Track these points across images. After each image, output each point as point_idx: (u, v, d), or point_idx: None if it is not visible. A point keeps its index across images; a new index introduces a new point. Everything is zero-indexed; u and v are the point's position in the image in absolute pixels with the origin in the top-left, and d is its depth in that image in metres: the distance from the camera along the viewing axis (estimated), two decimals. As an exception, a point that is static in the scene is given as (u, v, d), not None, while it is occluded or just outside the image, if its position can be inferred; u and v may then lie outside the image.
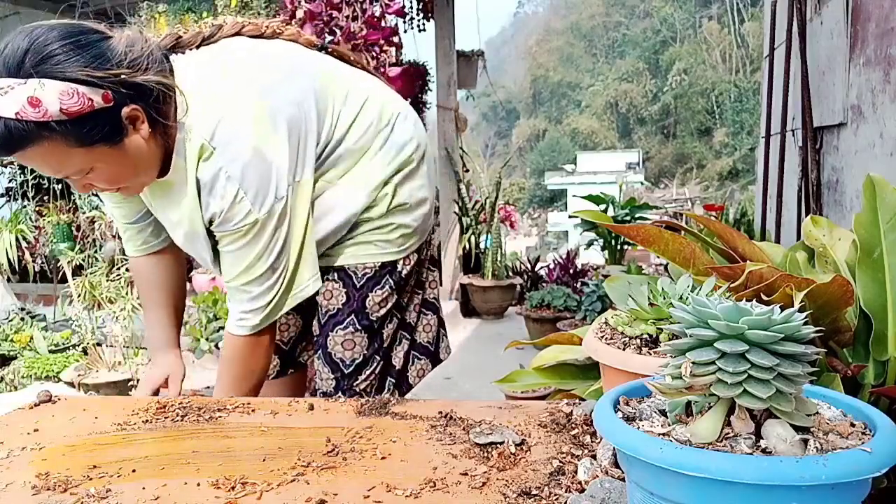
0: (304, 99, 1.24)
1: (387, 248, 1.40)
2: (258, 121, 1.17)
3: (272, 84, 1.22)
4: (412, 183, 1.41)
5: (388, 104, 1.39)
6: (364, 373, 1.43)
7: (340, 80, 1.33)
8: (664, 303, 0.83)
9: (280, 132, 1.19)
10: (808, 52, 2.88)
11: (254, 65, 1.25)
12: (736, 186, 21.91)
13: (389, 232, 1.39)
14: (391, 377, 1.51)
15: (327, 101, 1.29)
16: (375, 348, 1.43)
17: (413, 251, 1.45)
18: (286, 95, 1.22)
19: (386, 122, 1.37)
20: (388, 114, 1.38)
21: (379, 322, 1.43)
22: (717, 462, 0.48)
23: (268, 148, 1.17)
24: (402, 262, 1.43)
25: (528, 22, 49.80)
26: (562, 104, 37.00)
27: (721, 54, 30.51)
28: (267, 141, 1.17)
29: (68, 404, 1.15)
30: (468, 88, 6.10)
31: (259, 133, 1.17)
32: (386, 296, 1.42)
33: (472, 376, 3.81)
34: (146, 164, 1.18)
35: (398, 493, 0.76)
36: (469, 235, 5.58)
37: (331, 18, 3.46)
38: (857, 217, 0.93)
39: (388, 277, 1.41)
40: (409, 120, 1.43)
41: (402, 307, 1.51)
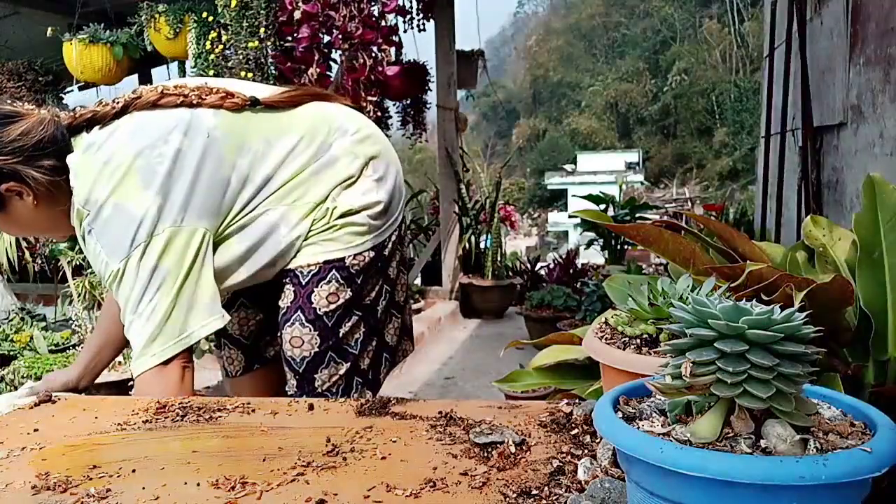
0: (188, 151, 1.30)
1: (330, 245, 1.43)
2: (122, 180, 1.26)
3: (144, 145, 1.29)
4: (354, 191, 1.44)
5: (321, 127, 1.44)
6: (321, 371, 1.44)
7: (256, 131, 1.39)
8: (664, 303, 0.83)
9: (148, 187, 1.26)
10: (808, 52, 2.88)
11: (135, 130, 1.31)
12: (736, 186, 21.90)
13: (334, 232, 1.43)
14: (359, 378, 1.51)
15: (237, 151, 1.35)
16: (329, 345, 1.43)
17: (368, 249, 1.46)
18: (161, 152, 1.28)
19: (319, 147, 1.42)
20: (321, 136, 1.43)
21: (330, 317, 1.43)
22: (717, 462, 0.48)
23: (131, 203, 1.25)
24: (353, 258, 1.44)
25: (528, 22, 49.81)
26: (562, 104, 36.99)
27: (721, 54, 30.50)
28: (130, 197, 1.25)
29: (68, 404, 1.15)
30: (468, 88, 6.10)
31: (121, 191, 1.26)
32: (333, 290, 1.43)
33: (472, 376, 3.81)
34: (44, 225, 1.37)
35: (398, 493, 0.76)
36: (469, 235, 5.58)
37: (328, 19, 3.46)
38: (857, 217, 0.93)
39: (335, 272, 1.43)
40: (349, 134, 1.46)
41: (367, 306, 1.50)
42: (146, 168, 1.27)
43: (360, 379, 1.51)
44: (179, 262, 1.27)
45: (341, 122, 1.49)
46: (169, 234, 1.26)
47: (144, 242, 1.25)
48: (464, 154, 5.75)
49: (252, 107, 1.39)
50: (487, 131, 38.68)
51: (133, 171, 1.26)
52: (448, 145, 5.49)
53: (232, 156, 1.34)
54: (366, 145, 1.48)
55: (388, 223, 1.51)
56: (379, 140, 1.54)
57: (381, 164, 1.50)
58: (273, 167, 1.38)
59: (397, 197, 1.55)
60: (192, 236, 1.28)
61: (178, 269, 1.27)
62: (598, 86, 34.77)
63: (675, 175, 27.01)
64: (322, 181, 1.42)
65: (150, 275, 1.25)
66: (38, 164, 1.28)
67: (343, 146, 1.45)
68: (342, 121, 1.49)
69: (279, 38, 3.70)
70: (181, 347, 1.28)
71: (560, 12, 42.59)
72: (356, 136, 1.48)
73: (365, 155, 1.47)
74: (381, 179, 1.49)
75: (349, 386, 1.49)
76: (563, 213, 20.29)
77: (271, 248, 1.41)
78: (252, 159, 1.37)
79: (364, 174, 1.47)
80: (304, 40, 3.51)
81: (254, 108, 1.40)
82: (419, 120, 4.87)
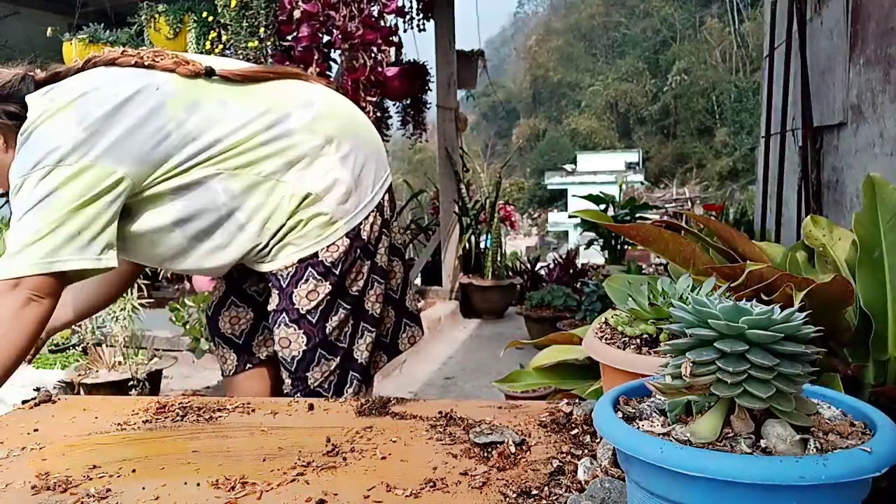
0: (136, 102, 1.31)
1: (303, 243, 1.43)
2: (58, 113, 1.29)
3: (92, 88, 1.32)
4: (313, 173, 1.42)
5: (285, 101, 1.43)
6: (313, 370, 1.45)
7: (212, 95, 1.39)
8: (664, 303, 0.83)
9: (80, 123, 1.27)
10: (808, 52, 2.88)
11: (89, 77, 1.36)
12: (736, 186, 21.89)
13: (302, 228, 1.42)
14: (354, 372, 1.51)
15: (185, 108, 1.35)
16: (317, 342, 1.44)
17: (341, 237, 1.44)
18: (104, 93, 1.31)
19: (277, 118, 1.40)
20: (282, 109, 1.41)
21: (314, 314, 1.44)
22: (717, 462, 0.48)
23: (55, 131, 1.27)
24: (326, 251, 1.43)
25: (528, 22, 49.79)
26: (562, 104, 36.98)
27: (721, 54, 30.49)
28: (56, 126, 1.28)
29: (68, 404, 1.15)
30: (468, 88, 6.09)
31: (52, 121, 1.28)
32: (312, 288, 1.43)
33: (472, 376, 3.81)
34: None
35: (398, 493, 0.76)
36: (469, 235, 5.57)
37: (328, 18, 3.46)
38: (856, 217, 0.93)
39: (311, 269, 1.43)
40: (310, 110, 1.44)
41: (356, 297, 1.49)
42: (84, 106, 1.29)
43: (356, 373, 1.51)
44: (79, 195, 1.26)
45: (307, 97, 1.46)
46: (80, 168, 1.26)
47: (50, 167, 1.25)
48: (464, 154, 5.74)
49: (207, 76, 1.39)
50: (487, 131, 38.67)
51: (71, 106, 1.29)
52: (448, 145, 5.49)
53: (178, 111, 1.34)
54: (326, 121, 1.45)
55: (360, 205, 1.48)
56: (344, 115, 1.50)
57: (346, 142, 1.46)
58: (225, 131, 1.37)
59: (370, 175, 1.51)
60: (105, 176, 1.28)
61: (75, 199, 1.25)
62: (598, 86, 34.74)
63: (675, 175, 27.00)
64: (273, 155, 1.39)
65: (43, 196, 1.25)
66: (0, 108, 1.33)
67: (302, 122, 1.42)
68: (308, 96, 1.47)
69: (279, 38, 3.70)
70: (38, 270, 1.23)
71: (560, 12, 42.58)
72: (318, 111, 1.45)
73: (325, 133, 1.44)
74: (345, 157, 1.46)
75: (343, 381, 1.49)
76: (563, 213, 20.28)
77: (210, 215, 1.39)
78: (202, 119, 1.36)
79: (325, 152, 1.43)
80: (304, 40, 3.51)
81: (208, 78, 1.39)
82: (419, 120, 4.87)
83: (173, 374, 3.62)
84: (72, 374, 2.81)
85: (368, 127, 1.59)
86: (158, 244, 1.41)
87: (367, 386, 1.57)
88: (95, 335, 3.05)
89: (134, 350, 2.94)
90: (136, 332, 3.00)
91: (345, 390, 1.49)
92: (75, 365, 2.91)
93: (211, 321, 1.66)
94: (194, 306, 3.32)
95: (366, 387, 1.55)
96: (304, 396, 1.41)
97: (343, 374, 1.49)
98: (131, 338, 2.96)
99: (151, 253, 1.44)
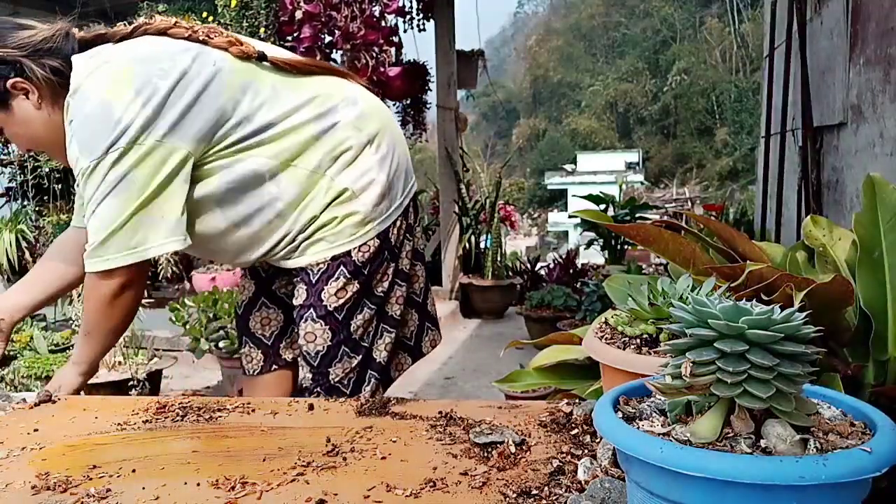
0: (195, 77, 1.29)
1: (336, 240, 1.43)
2: (117, 81, 1.25)
3: (148, 56, 1.30)
4: (353, 171, 1.42)
5: (334, 93, 1.43)
6: (335, 366, 1.45)
7: (265, 77, 1.38)
8: (664, 302, 0.83)
9: (142, 95, 1.24)
10: (808, 52, 2.88)
11: (142, 44, 1.34)
12: (736, 186, 21.88)
13: (336, 225, 1.42)
14: (373, 371, 1.51)
15: (241, 89, 1.34)
16: (341, 339, 1.44)
17: (373, 237, 1.45)
18: (163, 67, 1.28)
19: (327, 110, 1.41)
20: (331, 102, 1.42)
21: (340, 311, 1.44)
22: (717, 462, 0.48)
23: (118, 104, 1.24)
24: (358, 251, 1.43)
25: (528, 22, 49.77)
26: (562, 104, 36.96)
27: (721, 54, 30.48)
28: (118, 97, 1.24)
29: (68, 404, 1.15)
30: (468, 88, 6.10)
31: (113, 90, 1.24)
32: (342, 286, 1.43)
33: (472, 376, 3.81)
34: (48, 134, 1.35)
35: (398, 493, 0.76)
36: (469, 235, 5.58)
37: (329, 19, 3.46)
38: (856, 217, 0.93)
39: (342, 268, 1.43)
40: (356, 107, 1.45)
41: (380, 298, 1.50)
42: (144, 76, 1.26)
43: (375, 372, 1.51)
44: (152, 176, 1.26)
45: (353, 94, 1.47)
46: (149, 147, 1.25)
47: (123, 148, 1.23)
48: (464, 154, 5.75)
49: (259, 61, 1.38)
50: (487, 131, 38.66)
51: (129, 74, 1.26)
52: (448, 145, 5.49)
53: (235, 91, 1.33)
54: (370, 121, 1.46)
55: (391, 208, 1.49)
56: (384, 118, 1.52)
57: (385, 144, 1.48)
58: (277, 115, 1.36)
59: (401, 180, 1.52)
60: (171, 154, 1.27)
61: (149, 182, 1.26)
62: (597, 86, 34.73)
63: (675, 175, 26.98)
64: (319, 147, 1.40)
65: (119, 180, 1.24)
66: (41, 62, 1.29)
67: (348, 118, 1.43)
68: (354, 93, 1.48)
69: (279, 38, 3.70)
70: (131, 260, 1.27)
71: (560, 12, 42.56)
72: (362, 110, 1.46)
73: (368, 132, 1.45)
74: (384, 158, 1.47)
75: (362, 379, 1.49)
76: (563, 213, 20.27)
77: (254, 201, 1.38)
78: (257, 100, 1.35)
79: (366, 151, 1.44)
80: (306, 40, 3.51)
81: (259, 62, 1.39)
82: (419, 120, 4.87)
83: (173, 374, 3.63)
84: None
85: (401, 133, 1.60)
86: (197, 221, 1.39)
87: (386, 386, 1.57)
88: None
89: (134, 350, 2.94)
90: (136, 332, 3.00)
91: (363, 388, 1.49)
92: (75, 365, 2.90)
93: (241, 319, 1.66)
94: (194, 306, 3.32)
95: (384, 387, 1.55)
96: (323, 391, 1.43)
97: (362, 372, 1.50)
98: (131, 338, 2.96)
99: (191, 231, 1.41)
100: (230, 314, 3.07)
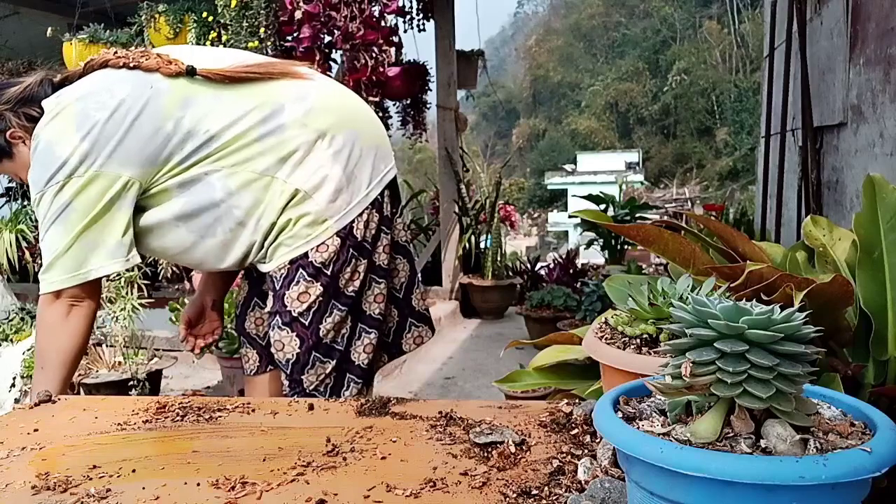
0: (132, 103, 1.35)
1: (293, 243, 1.42)
2: (61, 121, 1.36)
3: (89, 91, 1.38)
4: (304, 170, 1.40)
5: (280, 95, 1.42)
6: (308, 373, 1.44)
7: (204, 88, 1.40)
8: (664, 303, 0.83)
9: (81, 130, 1.33)
10: (808, 52, 2.88)
11: (85, 81, 1.42)
12: (736, 186, 21.88)
13: (291, 227, 1.42)
14: (352, 375, 1.48)
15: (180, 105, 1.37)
16: (311, 345, 1.43)
17: (331, 235, 1.42)
18: (100, 99, 1.36)
19: (271, 111, 1.40)
20: (276, 103, 1.41)
21: (306, 316, 1.42)
22: (717, 462, 0.48)
23: (58, 142, 1.34)
24: (315, 251, 1.42)
25: (528, 22, 49.76)
26: (562, 104, 36.95)
27: (721, 54, 30.48)
28: (59, 136, 1.34)
29: (68, 404, 1.15)
30: (468, 88, 6.09)
31: (57, 129, 1.35)
32: (304, 289, 1.42)
33: (472, 376, 3.81)
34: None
35: (398, 493, 0.76)
36: (469, 235, 5.57)
37: (329, 19, 3.45)
38: (857, 217, 0.93)
39: (301, 271, 1.42)
40: (304, 104, 1.43)
41: (352, 298, 1.46)
42: (83, 112, 1.35)
43: (354, 376, 1.49)
44: (93, 204, 1.33)
45: (302, 91, 1.44)
46: (88, 178, 1.33)
47: (62, 182, 1.33)
48: (464, 154, 5.74)
49: (189, 76, 1.39)
50: (487, 131, 38.65)
51: (71, 112, 1.35)
52: (448, 145, 5.49)
53: (174, 109, 1.36)
54: (321, 116, 1.43)
55: (352, 203, 1.44)
56: (343, 109, 1.47)
57: (340, 136, 1.44)
58: (221, 126, 1.38)
59: (366, 170, 1.47)
60: (113, 182, 1.34)
61: (89, 210, 1.33)
62: (598, 86, 34.71)
63: (675, 175, 26.98)
64: (267, 152, 1.39)
65: (61, 210, 1.33)
66: (18, 112, 1.43)
67: (294, 116, 1.41)
68: (303, 91, 1.45)
69: (279, 38, 3.70)
70: (74, 282, 1.35)
71: (560, 12, 42.53)
72: (311, 105, 1.43)
73: (316, 127, 1.42)
74: (338, 153, 1.43)
75: (340, 384, 1.47)
76: (563, 213, 20.27)
77: (211, 212, 1.40)
78: (198, 114, 1.37)
79: (317, 147, 1.41)
80: (306, 40, 3.51)
81: (191, 77, 1.39)
82: (419, 120, 4.87)
83: (173, 374, 3.62)
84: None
85: (369, 119, 1.55)
86: (164, 238, 1.44)
87: (368, 387, 1.55)
88: (95, 335, 3.05)
89: (134, 350, 2.94)
90: (136, 332, 3.00)
91: (342, 393, 1.48)
92: (75, 365, 2.90)
93: (238, 319, 1.68)
94: (194, 306, 3.31)
95: (366, 389, 1.54)
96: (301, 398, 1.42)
97: (340, 376, 1.48)
98: (131, 338, 2.96)
99: (161, 246, 1.47)
100: (230, 314, 3.08)
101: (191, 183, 1.38)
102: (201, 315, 1.75)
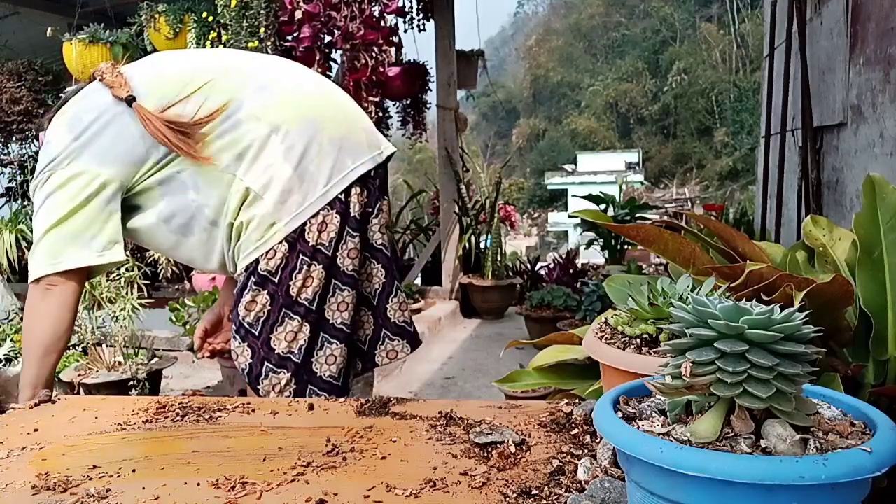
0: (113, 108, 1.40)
1: (246, 249, 1.40)
2: (59, 124, 1.43)
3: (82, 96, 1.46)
4: (257, 167, 1.36)
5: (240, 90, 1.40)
6: (262, 383, 1.41)
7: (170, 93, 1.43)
8: (664, 303, 0.83)
9: (72, 131, 1.40)
10: (808, 52, 2.88)
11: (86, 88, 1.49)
12: (736, 186, 21.87)
13: (245, 231, 1.39)
14: (314, 386, 1.41)
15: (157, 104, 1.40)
16: (262, 355, 1.40)
17: (279, 241, 1.36)
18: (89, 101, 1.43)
19: (229, 111, 1.39)
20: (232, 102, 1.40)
21: (255, 326, 1.40)
22: (717, 462, 0.48)
23: (53, 140, 1.41)
24: (265, 257, 1.37)
25: (528, 22, 49.74)
26: (561, 104, 36.94)
27: (721, 54, 30.47)
28: (56, 135, 1.41)
29: (68, 404, 1.15)
30: (468, 88, 6.09)
31: (54, 131, 1.42)
32: (252, 298, 1.39)
33: (472, 376, 3.81)
34: None
35: (398, 493, 0.76)
36: (469, 235, 5.57)
37: (329, 19, 3.45)
38: (857, 217, 0.93)
39: (251, 278, 1.39)
40: (261, 95, 1.39)
41: (306, 307, 1.39)
42: (75, 114, 1.42)
43: (316, 388, 1.41)
44: (71, 198, 1.37)
45: (263, 82, 1.41)
46: (72, 172, 1.37)
47: (49, 172, 1.38)
48: (464, 154, 5.74)
49: (128, 104, 1.39)
50: (487, 131, 38.64)
51: (67, 114, 1.43)
52: (448, 145, 5.48)
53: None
54: (279, 109, 1.38)
55: (304, 203, 1.37)
56: (301, 104, 1.41)
57: (295, 131, 1.37)
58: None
59: (322, 170, 1.38)
60: (93, 179, 1.37)
61: (69, 203, 1.37)
62: (597, 86, 34.70)
63: (675, 175, 26.98)
64: (225, 148, 1.37)
65: (45, 199, 1.39)
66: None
67: (250, 108, 1.38)
68: (264, 81, 1.42)
69: (279, 38, 3.70)
70: (49, 270, 1.37)
71: (560, 12, 42.53)
72: (269, 97, 1.39)
73: (270, 120, 1.37)
74: (290, 148, 1.36)
75: (301, 395, 1.40)
76: (563, 213, 20.26)
77: (185, 211, 1.42)
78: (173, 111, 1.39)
79: (271, 142, 1.36)
80: (306, 40, 3.50)
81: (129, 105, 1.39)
82: (419, 120, 4.87)
83: (173, 374, 3.62)
84: (72, 374, 2.80)
85: (339, 111, 1.46)
86: (153, 236, 1.47)
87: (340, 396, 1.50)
88: (95, 335, 3.05)
89: (134, 350, 2.93)
90: (136, 332, 3.00)
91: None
92: (75, 365, 2.91)
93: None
94: (194, 306, 3.32)
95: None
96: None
97: (300, 388, 1.41)
98: (131, 338, 2.95)
99: (155, 244, 1.52)
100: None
101: (168, 181, 1.41)
102: (219, 324, 1.74)
